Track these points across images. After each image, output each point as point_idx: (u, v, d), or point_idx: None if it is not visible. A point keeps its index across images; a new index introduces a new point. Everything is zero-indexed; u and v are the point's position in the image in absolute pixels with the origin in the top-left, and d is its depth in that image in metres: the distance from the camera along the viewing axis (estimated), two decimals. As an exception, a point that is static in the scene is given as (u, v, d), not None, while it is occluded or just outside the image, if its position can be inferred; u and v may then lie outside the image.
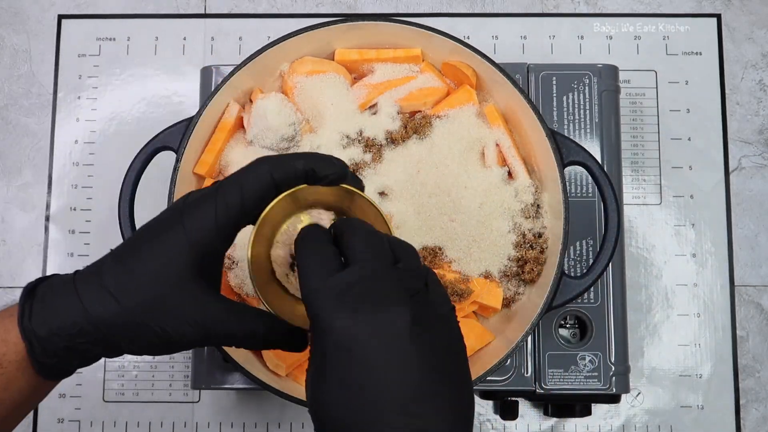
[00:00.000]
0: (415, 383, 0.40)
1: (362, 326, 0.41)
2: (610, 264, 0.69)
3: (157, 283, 0.46)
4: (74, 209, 0.84)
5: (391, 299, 0.42)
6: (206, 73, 0.74)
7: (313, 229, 0.48)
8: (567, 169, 0.67)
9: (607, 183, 0.66)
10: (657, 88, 0.86)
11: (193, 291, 0.47)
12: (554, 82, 0.74)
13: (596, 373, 0.71)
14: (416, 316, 0.42)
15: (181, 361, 0.81)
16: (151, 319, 0.47)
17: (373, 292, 0.42)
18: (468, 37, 0.85)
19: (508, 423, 0.80)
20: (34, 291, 0.48)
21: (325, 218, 0.52)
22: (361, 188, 0.51)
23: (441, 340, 0.43)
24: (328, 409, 0.42)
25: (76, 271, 0.49)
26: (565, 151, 0.66)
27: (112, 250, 0.49)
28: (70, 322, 0.46)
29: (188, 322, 0.47)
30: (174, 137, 0.67)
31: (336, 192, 0.50)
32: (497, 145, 0.70)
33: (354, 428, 0.40)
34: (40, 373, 0.48)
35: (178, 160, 0.66)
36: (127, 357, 0.81)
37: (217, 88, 0.67)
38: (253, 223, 0.49)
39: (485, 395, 0.77)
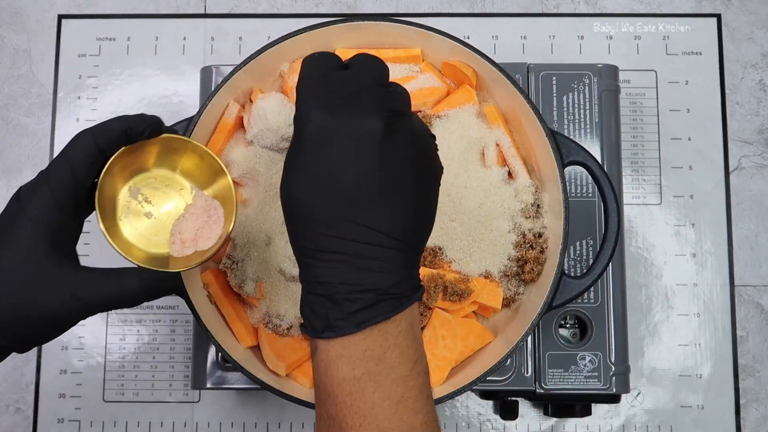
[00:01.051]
0: (370, 186, 0.44)
1: (336, 124, 0.44)
2: (610, 264, 0.69)
3: (17, 272, 0.48)
4: (74, 209, 0.84)
5: (369, 109, 0.45)
6: (206, 73, 0.74)
7: (323, 53, 0.49)
8: (567, 169, 0.67)
9: (607, 183, 0.66)
10: (657, 88, 0.86)
11: (56, 269, 0.49)
12: (554, 82, 0.74)
13: (596, 373, 0.71)
14: (389, 131, 0.44)
15: (181, 361, 0.82)
16: (25, 308, 0.48)
17: (355, 99, 0.45)
18: (468, 37, 0.85)
19: (508, 423, 0.80)
20: None
21: (160, 176, 0.57)
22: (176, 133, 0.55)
23: (410, 159, 0.45)
24: (293, 192, 0.45)
25: None
26: (565, 151, 0.66)
27: None
28: None
29: (62, 297, 0.49)
30: (174, 137, 0.67)
31: (163, 150, 0.55)
32: (497, 145, 0.70)
33: (313, 211, 0.44)
34: None
35: (178, 160, 0.66)
36: (127, 357, 0.81)
37: (217, 88, 0.67)
38: (93, 194, 0.52)
39: (485, 395, 0.77)
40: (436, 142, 0.69)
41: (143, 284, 0.52)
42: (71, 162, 0.50)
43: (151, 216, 0.57)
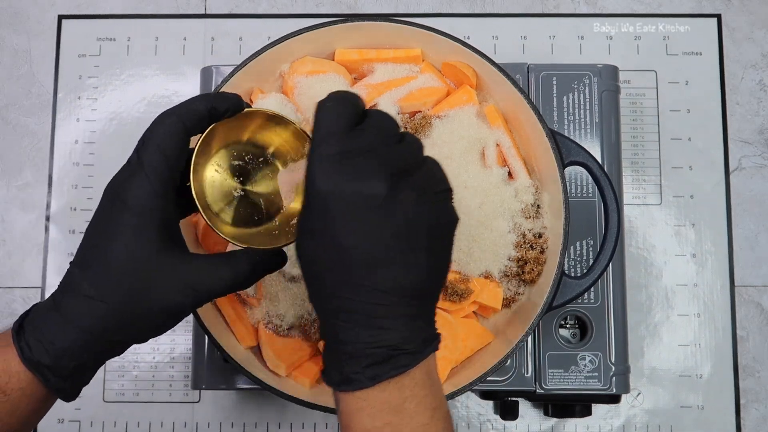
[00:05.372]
0: (376, 248, 0.44)
1: (340, 190, 0.44)
2: (610, 264, 0.69)
3: (132, 269, 0.48)
4: (74, 209, 0.84)
5: (373, 172, 0.44)
6: (206, 73, 0.74)
7: (339, 97, 0.48)
8: (567, 169, 0.67)
9: (607, 183, 0.66)
10: (657, 88, 0.86)
11: (168, 259, 0.49)
12: (554, 82, 0.74)
13: (596, 374, 0.71)
14: (393, 191, 0.44)
15: (181, 362, 0.82)
16: (144, 302, 0.48)
17: (361, 163, 0.45)
18: (468, 37, 0.85)
19: (509, 423, 0.80)
20: (22, 326, 0.49)
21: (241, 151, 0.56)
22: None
23: (418, 216, 0.45)
24: (304, 255, 0.46)
25: (53, 294, 0.50)
26: (565, 151, 0.66)
27: (72, 262, 0.50)
28: (69, 341, 0.48)
29: (178, 288, 0.49)
30: (174, 137, 0.66)
31: (246, 125, 0.55)
32: (497, 145, 0.70)
33: (324, 274, 0.45)
34: (63, 398, 0.50)
35: (178, 160, 0.66)
36: (127, 357, 0.81)
37: (217, 88, 0.67)
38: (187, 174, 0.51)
39: (485, 395, 0.77)
40: (436, 142, 0.69)
41: (254, 265, 0.51)
42: (160, 146, 0.49)
43: (241, 193, 0.56)
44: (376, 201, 0.44)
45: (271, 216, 0.57)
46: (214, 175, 0.55)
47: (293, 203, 0.57)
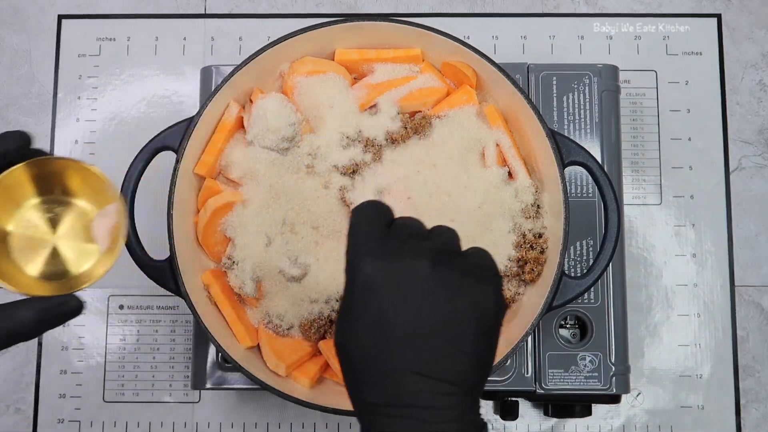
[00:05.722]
0: (423, 330, 0.44)
1: (386, 271, 0.45)
2: (611, 264, 0.68)
3: None
4: (74, 209, 0.84)
5: (414, 252, 0.45)
6: (206, 73, 0.74)
7: (372, 203, 0.50)
8: (567, 169, 0.67)
9: (607, 183, 0.66)
10: (657, 88, 0.86)
11: None
12: (554, 82, 0.74)
13: (596, 374, 0.71)
14: (438, 270, 0.45)
15: (181, 362, 0.81)
16: None
17: (401, 248, 0.46)
18: (468, 37, 0.85)
19: (509, 423, 0.80)
20: None
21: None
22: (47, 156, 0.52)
23: (463, 297, 0.45)
24: (351, 340, 0.45)
25: None
26: (565, 151, 0.66)
27: None
28: None
29: None
30: (174, 137, 0.67)
31: (41, 174, 0.52)
32: (497, 145, 0.70)
33: (370, 357, 0.44)
34: None
35: (178, 161, 0.66)
36: (127, 357, 0.81)
37: (217, 88, 0.67)
38: None
39: (485, 395, 0.77)
40: (436, 142, 0.69)
41: (37, 313, 0.49)
42: None
43: (44, 243, 0.53)
44: (422, 278, 0.44)
45: (86, 262, 0.54)
46: (19, 227, 0.52)
47: (107, 249, 0.54)
